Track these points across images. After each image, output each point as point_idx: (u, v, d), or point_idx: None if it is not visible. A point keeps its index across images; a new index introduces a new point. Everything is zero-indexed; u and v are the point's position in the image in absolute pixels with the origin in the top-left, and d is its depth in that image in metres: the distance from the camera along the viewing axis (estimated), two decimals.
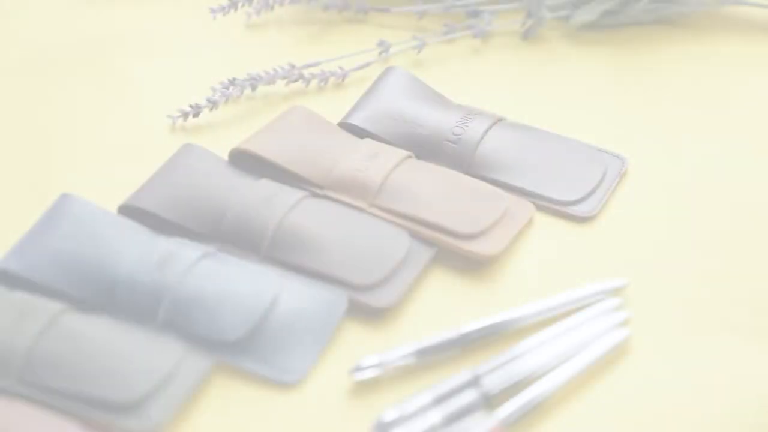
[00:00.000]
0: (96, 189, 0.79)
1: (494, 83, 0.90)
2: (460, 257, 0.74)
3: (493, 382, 0.65)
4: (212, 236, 0.74)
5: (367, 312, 0.71)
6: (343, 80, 0.90)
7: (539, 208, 0.78)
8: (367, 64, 0.91)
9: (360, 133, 0.82)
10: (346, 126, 0.82)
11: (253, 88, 0.87)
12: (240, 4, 0.94)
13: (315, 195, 0.77)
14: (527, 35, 0.93)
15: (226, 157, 0.79)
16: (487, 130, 0.81)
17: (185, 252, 0.70)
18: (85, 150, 0.83)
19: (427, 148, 0.81)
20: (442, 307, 0.72)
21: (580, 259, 0.75)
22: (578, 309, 0.70)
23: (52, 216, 0.72)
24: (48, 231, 0.71)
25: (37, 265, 0.69)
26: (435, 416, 0.63)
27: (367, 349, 0.69)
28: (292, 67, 0.88)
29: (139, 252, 0.70)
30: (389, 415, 0.64)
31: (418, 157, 0.81)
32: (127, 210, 0.75)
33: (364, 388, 0.67)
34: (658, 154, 0.82)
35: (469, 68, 0.91)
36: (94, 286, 0.69)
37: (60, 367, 0.63)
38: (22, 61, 0.91)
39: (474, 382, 0.65)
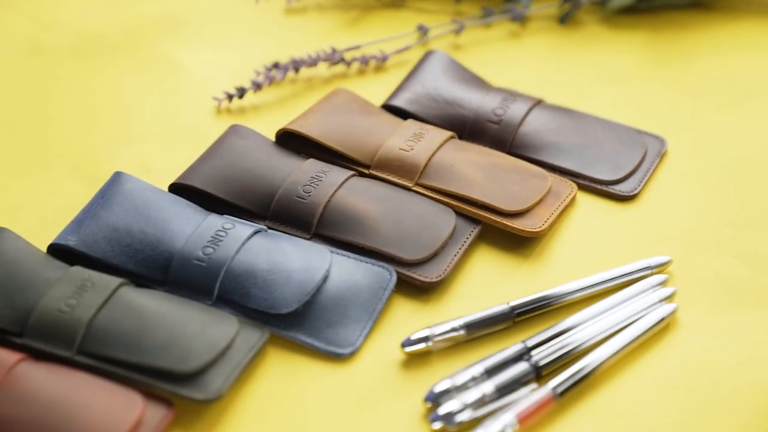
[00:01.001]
0: (145, 169, 0.80)
1: (532, 66, 0.91)
2: (505, 234, 0.75)
3: (543, 355, 0.66)
4: (262, 214, 0.75)
5: (416, 287, 0.72)
6: (382, 63, 0.91)
7: (581, 187, 0.79)
8: (407, 48, 0.92)
9: (403, 114, 0.83)
10: (390, 108, 0.84)
11: (296, 70, 0.88)
12: None
13: (361, 174, 0.78)
14: (564, 19, 0.95)
15: (271, 137, 0.81)
16: (527, 112, 0.82)
17: (238, 229, 0.72)
18: (134, 132, 0.85)
19: (469, 128, 0.82)
20: (488, 283, 0.73)
21: (622, 236, 0.76)
22: (624, 284, 0.71)
23: (106, 193, 0.74)
24: (103, 208, 0.73)
25: (93, 241, 0.71)
26: (487, 387, 0.64)
27: (416, 323, 0.70)
28: (334, 51, 0.90)
29: (192, 229, 0.72)
30: (441, 386, 0.65)
31: (460, 137, 0.82)
32: (178, 189, 0.77)
33: (415, 361, 0.68)
34: (697, 135, 0.83)
35: (507, 52, 0.93)
36: (149, 262, 0.70)
37: (120, 338, 0.65)
38: (72, 47, 0.92)
39: (525, 354, 0.67)
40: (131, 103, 0.87)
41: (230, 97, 0.86)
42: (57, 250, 0.71)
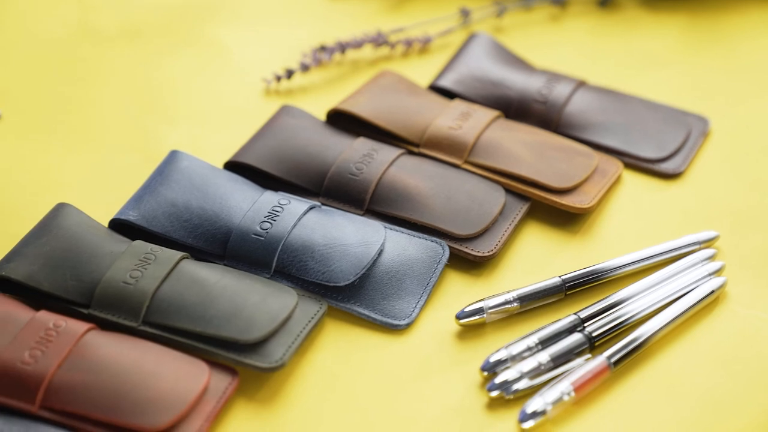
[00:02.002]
0: (197, 148, 0.82)
1: (573, 49, 0.93)
2: (553, 211, 0.77)
3: (596, 326, 0.68)
4: (315, 191, 0.77)
5: (468, 262, 0.74)
6: (426, 46, 0.93)
7: (626, 165, 0.81)
8: (449, 31, 0.94)
9: (448, 95, 0.85)
10: (436, 88, 0.85)
11: (343, 51, 0.90)
12: None
13: (410, 153, 0.80)
14: (605, 2, 0.96)
15: (319, 118, 0.82)
16: (572, 93, 0.84)
17: (293, 205, 0.73)
18: (185, 112, 0.86)
19: (514, 108, 0.84)
20: (538, 258, 0.74)
21: (668, 213, 0.77)
22: (673, 259, 0.73)
23: (164, 171, 0.75)
24: (161, 185, 0.74)
25: (153, 216, 0.72)
26: (542, 357, 0.66)
27: (469, 296, 0.72)
28: (379, 33, 0.91)
29: (249, 204, 0.73)
30: (497, 356, 0.67)
31: (506, 117, 0.84)
32: (232, 167, 0.78)
33: (469, 332, 0.70)
34: (740, 115, 0.85)
35: (548, 35, 0.94)
36: (208, 237, 0.72)
37: (184, 309, 0.66)
38: (120, 30, 0.94)
39: (578, 325, 0.68)
40: (181, 85, 0.89)
41: (279, 78, 0.88)
42: (117, 226, 0.73)
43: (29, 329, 0.64)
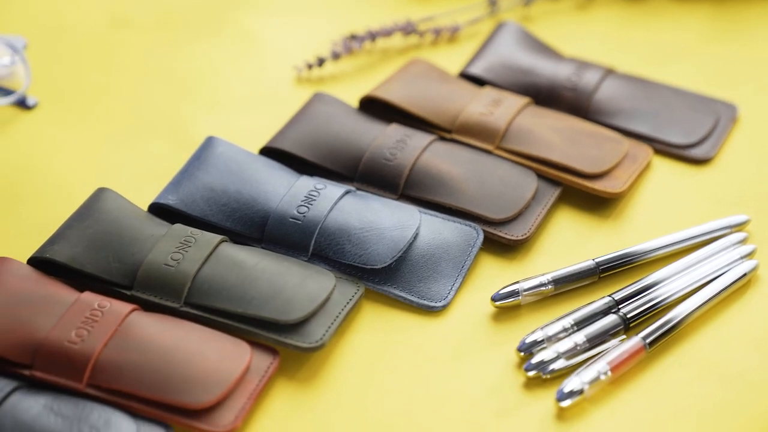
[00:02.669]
0: (231, 135, 0.83)
1: (600, 38, 0.94)
2: (585, 196, 0.78)
3: (630, 308, 0.69)
4: (350, 176, 0.78)
5: (501, 245, 0.75)
6: (455, 35, 0.94)
7: (656, 151, 0.82)
8: (477, 20, 0.95)
9: (478, 83, 0.86)
10: (466, 76, 0.86)
11: (373, 39, 0.91)
12: None
13: (442, 139, 0.81)
14: None
15: (350, 105, 0.84)
16: (601, 80, 0.85)
17: (329, 189, 0.74)
18: (218, 100, 0.87)
19: (544, 95, 0.85)
20: (570, 242, 0.75)
21: (698, 198, 0.78)
22: (704, 243, 0.74)
23: (201, 156, 0.76)
24: (199, 170, 0.75)
25: (191, 201, 0.73)
26: (578, 337, 0.67)
27: (503, 279, 0.72)
28: (408, 22, 0.92)
29: (286, 189, 0.74)
30: (533, 336, 0.68)
31: (536, 104, 0.85)
32: (268, 152, 0.79)
33: (504, 314, 0.71)
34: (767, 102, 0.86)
35: (575, 24, 0.95)
36: (246, 220, 0.73)
37: (225, 290, 0.67)
38: (153, 20, 0.95)
39: (612, 307, 0.69)
40: (214, 73, 0.90)
41: (310, 66, 0.89)
42: (156, 210, 0.74)
43: (75, 309, 0.65)
